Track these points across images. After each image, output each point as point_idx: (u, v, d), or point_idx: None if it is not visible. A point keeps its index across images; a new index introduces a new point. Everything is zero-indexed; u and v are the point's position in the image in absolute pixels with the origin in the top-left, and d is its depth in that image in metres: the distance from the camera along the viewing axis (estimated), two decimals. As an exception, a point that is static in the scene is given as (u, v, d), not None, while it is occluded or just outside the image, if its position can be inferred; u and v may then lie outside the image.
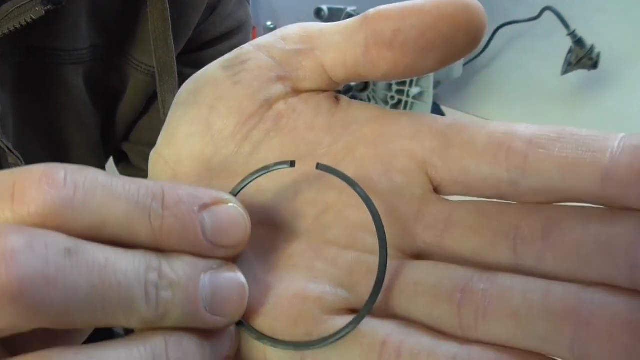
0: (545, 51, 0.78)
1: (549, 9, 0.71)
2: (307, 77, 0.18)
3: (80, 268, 0.12)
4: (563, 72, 0.73)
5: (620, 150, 0.13)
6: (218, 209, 0.15)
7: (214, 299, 0.14)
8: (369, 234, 0.16)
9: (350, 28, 0.17)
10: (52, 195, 0.13)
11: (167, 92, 0.38)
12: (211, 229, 0.14)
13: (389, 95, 0.69)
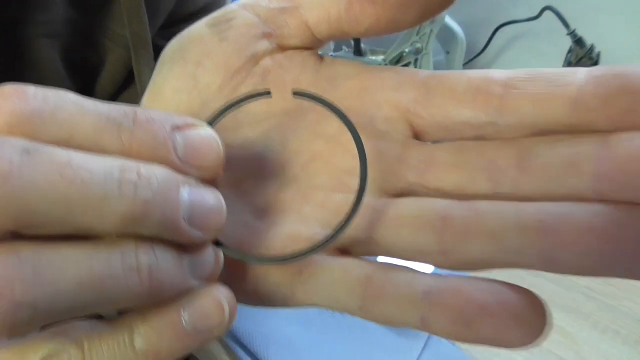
0: (545, 51, 0.78)
1: (549, 9, 0.71)
2: (292, 34, 0.18)
3: (37, 165, 0.12)
4: (563, 72, 0.73)
5: (586, 81, 0.14)
6: (191, 131, 0.14)
7: (193, 211, 0.14)
8: (355, 178, 0.16)
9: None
10: (20, 107, 0.13)
11: (143, 66, 0.39)
12: (183, 147, 0.14)
13: (389, 95, 0.69)
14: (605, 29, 0.71)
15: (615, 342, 0.47)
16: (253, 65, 0.18)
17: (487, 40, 0.80)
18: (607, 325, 0.49)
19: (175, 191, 0.13)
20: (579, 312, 0.51)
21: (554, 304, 0.51)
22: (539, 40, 0.78)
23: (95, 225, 0.12)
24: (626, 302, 0.52)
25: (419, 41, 0.64)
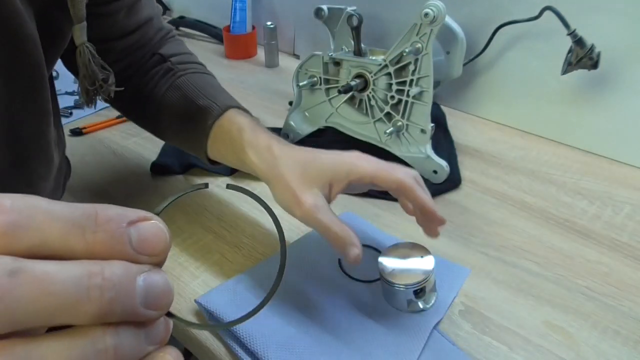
0: (545, 51, 0.78)
1: (549, 9, 0.71)
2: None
3: (23, 286, 0.15)
4: (563, 72, 0.73)
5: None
6: (143, 225, 0.18)
7: (147, 296, 0.17)
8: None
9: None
10: (1, 221, 0.15)
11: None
12: (137, 240, 0.18)
13: (389, 95, 0.69)
14: (605, 29, 0.71)
15: (615, 342, 0.47)
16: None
17: (487, 40, 0.80)
18: (607, 325, 0.49)
19: (132, 283, 0.17)
20: (579, 312, 0.51)
21: (554, 304, 0.51)
22: (539, 40, 0.78)
23: (71, 322, 0.16)
24: (626, 302, 0.52)
25: (419, 41, 0.64)
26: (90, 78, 0.45)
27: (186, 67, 0.59)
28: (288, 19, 1.13)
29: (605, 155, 0.77)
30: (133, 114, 0.63)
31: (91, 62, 0.44)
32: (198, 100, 0.54)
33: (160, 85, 0.57)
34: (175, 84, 0.56)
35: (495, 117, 0.87)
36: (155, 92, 0.57)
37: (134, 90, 0.59)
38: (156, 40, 0.60)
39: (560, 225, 0.63)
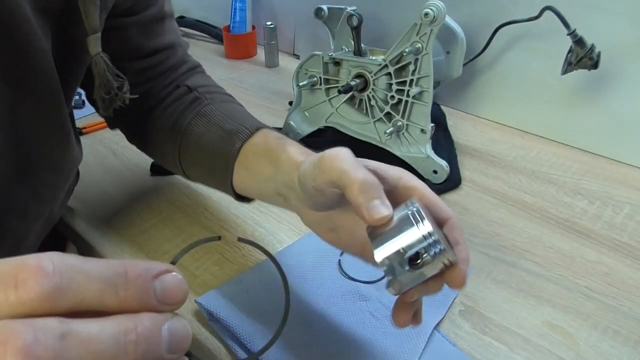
0: (545, 51, 0.78)
1: (549, 9, 0.71)
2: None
3: (72, 347, 0.18)
4: (563, 72, 0.73)
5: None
6: (165, 278, 0.21)
7: (171, 342, 0.20)
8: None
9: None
10: (45, 284, 0.18)
11: (89, 2, 0.41)
12: (161, 292, 0.21)
13: (389, 95, 0.69)
14: (605, 29, 0.71)
15: (615, 342, 0.47)
16: (343, 196, 0.33)
17: (487, 40, 0.80)
18: (607, 325, 0.49)
19: (159, 333, 0.20)
20: (579, 312, 0.51)
21: (554, 304, 0.51)
22: (539, 40, 0.78)
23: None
24: (626, 302, 0.52)
25: (419, 41, 0.64)
26: (106, 87, 0.45)
27: (213, 97, 0.55)
28: (288, 19, 1.13)
29: (605, 155, 0.77)
30: (153, 148, 0.58)
31: (106, 71, 0.44)
32: (225, 125, 0.50)
33: (185, 115, 0.53)
34: (201, 111, 0.52)
35: (495, 117, 0.87)
36: (179, 123, 0.52)
37: (157, 124, 0.55)
38: (181, 72, 0.58)
39: (560, 225, 0.63)
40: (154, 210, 0.63)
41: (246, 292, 0.51)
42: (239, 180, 0.48)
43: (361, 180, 0.32)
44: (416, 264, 0.31)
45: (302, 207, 0.41)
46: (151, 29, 0.53)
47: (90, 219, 0.63)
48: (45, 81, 0.41)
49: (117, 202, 0.66)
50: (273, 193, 0.43)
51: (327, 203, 0.36)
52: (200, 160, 0.51)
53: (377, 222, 0.31)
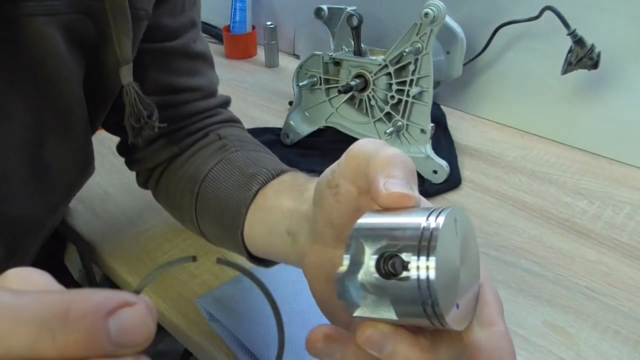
0: (545, 51, 0.78)
1: (549, 9, 0.71)
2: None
3: None
4: (563, 72, 0.73)
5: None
6: (124, 313, 0.16)
7: None
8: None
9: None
10: None
11: (122, 33, 0.40)
12: (116, 333, 0.16)
13: (389, 95, 0.69)
14: (605, 29, 0.71)
15: (615, 342, 0.47)
16: (360, 213, 0.24)
17: (487, 40, 0.80)
18: (607, 325, 0.49)
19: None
20: (579, 312, 0.50)
21: (554, 304, 0.51)
22: (539, 40, 0.78)
23: None
24: (626, 302, 0.52)
25: (419, 41, 0.64)
26: (136, 115, 0.45)
27: (243, 145, 0.50)
28: (288, 19, 1.13)
29: (605, 155, 0.77)
30: (171, 200, 0.51)
31: (137, 100, 0.44)
32: (247, 169, 0.45)
33: (208, 162, 0.47)
34: (226, 158, 0.47)
35: (495, 117, 0.87)
36: (200, 170, 0.47)
37: (179, 173, 0.50)
38: (214, 122, 0.53)
39: (560, 225, 0.63)
40: (154, 210, 0.63)
41: (246, 292, 0.51)
42: (249, 227, 0.42)
43: (393, 153, 0.26)
44: (387, 274, 0.20)
45: (307, 243, 0.34)
46: (173, 64, 0.50)
47: (90, 219, 0.63)
48: (73, 111, 0.42)
49: (117, 202, 0.66)
50: (282, 234, 0.37)
51: (337, 213, 0.29)
52: (214, 210, 0.45)
53: (392, 199, 0.23)
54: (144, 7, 0.43)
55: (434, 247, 0.19)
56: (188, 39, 0.50)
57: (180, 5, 0.49)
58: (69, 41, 0.39)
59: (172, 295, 0.52)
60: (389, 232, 0.20)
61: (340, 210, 0.28)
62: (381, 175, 0.24)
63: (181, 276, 0.55)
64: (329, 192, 0.29)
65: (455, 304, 0.20)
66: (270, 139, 0.80)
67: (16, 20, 0.35)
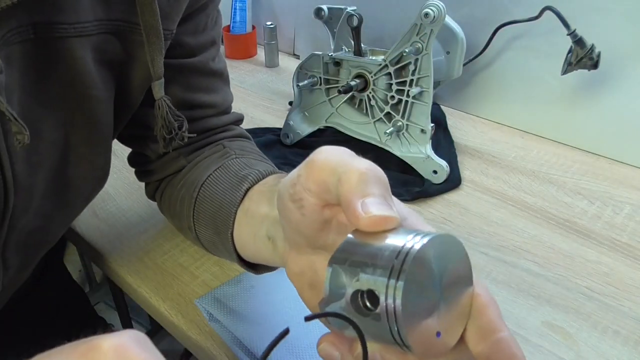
0: (545, 51, 0.78)
1: (549, 9, 0.71)
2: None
3: None
4: (563, 72, 0.73)
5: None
6: None
7: None
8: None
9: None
10: None
11: (155, 51, 0.42)
12: None
13: (389, 95, 0.69)
14: (605, 29, 0.71)
15: (615, 342, 0.47)
16: (327, 224, 0.27)
17: (487, 40, 0.80)
18: (607, 325, 0.49)
19: None
20: (579, 312, 0.51)
21: (554, 304, 0.51)
22: (539, 40, 0.78)
23: None
24: (626, 302, 0.52)
25: (419, 41, 0.64)
26: (168, 127, 0.47)
27: (244, 153, 0.50)
28: (288, 19, 1.13)
29: (605, 155, 0.77)
30: (173, 209, 0.52)
31: (169, 114, 0.46)
32: (240, 171, 0.45)
33: (209, 168, 0.48)
34: (225, 164, 0.48)
35: (495, 117, 0.87)
36: (201, 176, 0.48)
37: (182, 181, 0.50)
38: (224, 137, 0.53)
39: (560, 225, 0.63)
40: (154, 210, 0.63)
41: (246, 292, 0.51)
42: (238, 229, 0.42)
43: (365, 167, 0.24)
44: (363, 307, 0.21)
45: (285, 249, 0.33)
46: (189, 80, 0.50)
47: (90, 220, 0.63)
48: (98, 129, 0.43)
49: (117, 203, 0.66)
50: (264, 238, 0.37)
51: (304, 225, 0.28)
52: (209, 212, 0.45)
53: (371, 222, 0.23)
54: (169, 28, 0.44)
55: (400, 288, 0.20)
56: (207, 57, 0.51)
57: (202, 25, 0.50)
58: (98, 61, 0.40)
59: (172, 295, 0.52)
60: (364, 262, 0.21)
61: (307, 224, 0.28)
62: (356, 196, 0.23)
63: (181, 276, 0.55)
64: (292, 207, 0.28)
65: (433, 333, 0.21)
66: (270, 139, 0.80)
67: (49, 42, 0.36)
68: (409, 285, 0.20)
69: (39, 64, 0.36)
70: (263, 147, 0.76)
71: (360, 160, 0.25)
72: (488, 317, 0.23)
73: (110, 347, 0.16)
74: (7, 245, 0.41)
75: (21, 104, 0.36)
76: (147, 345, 0.17)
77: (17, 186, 0.37)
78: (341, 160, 0.25)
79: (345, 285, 0.21)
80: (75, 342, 0.16)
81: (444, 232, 0.22)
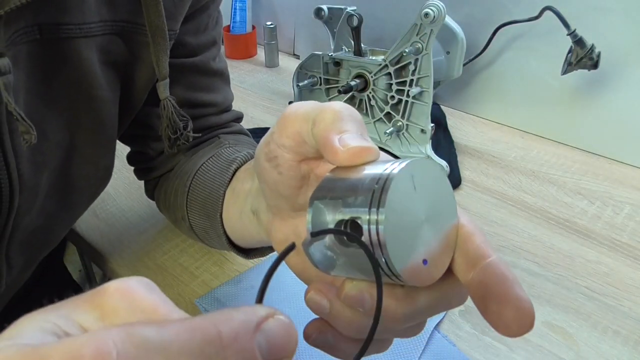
0: (545, 51, 0.78)
1: (549, 9, 0.71)
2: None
3: None
4: (563, 72, 0.73)
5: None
6: (268, 327, 0.16)
7: None
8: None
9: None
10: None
11: (160, 52, 0.42)
12: (267, 349, 0.15)
13: (389, 95, 0.69)
14: (605, 29, 0.71)
15: (615, 342, 0.47)
16: (305, 180, 0.27)
17: (487, 40, 0.80)
18: (607, 325, 0.49)
19: None
20: (579, 312, 0.51)
21: (554, 304, 0.51)
22: (539, 40, 0.78)
23: None
24: (626, 302, 0.52)
25: (419, 41, 0.64)
26: (173, 127, 0.47)
27: (237, 143, 0.51)
28: (288, 19, 1.13)
29: (605, 155, 0.77)
30: (168, 200, 0.52)
31: (174, 114, 0.46)
32: (230, 156, 0.46)
33: (202, 158, 0.49)
34: (217, 152, 0.48)
35: (495, 117, 0.87)
36: (195, 165, 0.48)
37: (177, 173, 0.51)
38: (222, 132, 0.54)
39: (560, 225, 0.63)
40: (154, 211, 0.63)
41: (246, 292, 0.51)
42: (226, 210, 0.43)
43: (339, 106, 0.25)
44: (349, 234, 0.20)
45: (268, 219, 0.33)
46: (189, 79, 0.51)
47: (90, 220, 0.63)
48: (103, 130, 0.43)
49: (117, 203, 0.66)
50: (249, 213, 0.38)
51: (283, 185, 0.28)
52: (201, 197, 0.46)
53: (350, 155, 0.22)
54: (173, 28, 0.45)
55: (382, 213, 0.19)
56: (208, 57, 0.52)
57: (204, 25, 0.50)
58: (103, 62, 0.41)
59: (172, 295, 0.52)
60: (344, 194, 0.20)
61: (285, 182, 0.28)
62: (333, 132, 0.23)
63: (181, 276, 0.55)
64: (268, 166, 0.28)
65: (420, 260, 0.20)
66: (270, 139, 0.80)
67: (55, 43, 0.36)
68: (391, 210, 0.19)
69: (44, 64, 0.37)
70: (263, 147, 0.77)
71: (333, 102, 0.25)
72: (475, 245, 0.23)
73: (116, 289, 0.16)
74: (11, 244, 0.41)
75: (27, 105, 0.36)
76: (154, 288, 0.17)
77: (23, 186, 0.37)
78: (313, 106, 0.26)
79: (328, 220, 0.21)
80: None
81: (423, 157, 0.21)
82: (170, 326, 0.14)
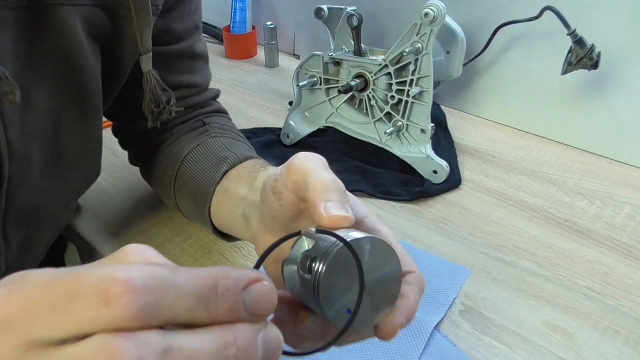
0: (545, 51, 0.78)
1: (549, 9, 0.71)
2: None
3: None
4: (563, 72, 0.73)
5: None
6: (254, 288, 0.20)
7: (266, 351, 0.20)
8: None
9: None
10: (137, 301, 0.17)
11: (143, 25, 0.44)
12: (250, 304, 0.20)
13: (389, 95, 0.69)
14: (605, 29, 0.71)
15: (615, 342, 0.47)
16: (301, 213, 0.32)
17: (487, 40, 0.80)
18: (607, 325, 0.49)
19: (255, 344, 0.19)
20: (579, 312, 0.51)
21: (554, 304, 0.51)
22: (539, 40, 0.78)
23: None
24: (626, 302, 0.52)
25: (419, 41, 0.64)
26: (156, 101, 0.49)
27: (224, 132, 0.55)
28: (288, 19, 1.13)
29: (605, 155, 0.77)
30: (155, 177, 0.57)
31: (156, 87, 0.48)
32: (220, 153, 0.50)
33: (191, 144, 0.53)
34: (205, 141, 0.53)
35: (495, 117, 0.87)
36: (182, 151, 0.53)
37: (164, 153, 0.56)
38: (204, 112, 0.58)
39: (560, 225, 0.63)
40: (154, 210, 0.63)
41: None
42: (215, 206, 0.47)
43: (329, 179, 0.30)
44: (307, 269, 0.27)
45: (258, 229, 0.37)
46: (176, 64, 0.54)
47: (90, 219, 0.63)
48: (90, 98, 0.44)
49: (117, 202, 0.66)
50: (239, 216, 0.42)
51: (281, 213, 0.33)
52: (190, 187, 0.50)
53: (333, 220, 0.28)
54: (156, 4, 0.46)
55: (328, 260, 0.25)
56: (191, 41, 0.55)
57: (187, 11, 0.53)
58: (86, 32, 0.41)
59: (172, 295, 0.52)
60: (316, 242, 0.27)
61: (284, 212, 0.33)
62: (320, 200, 0.29)
63: (181, 276, 0.55)
64: (273, 197, 0.33)
65: (345, 309, 0.26)
66: (270, 139, 0.80)
67: (42, 8, 0.37)
68: (333, 263, 0.26)
69: (32, 31, 0.37)
70: (263, 147, 0.77)
71: (326, 172, 0.31)
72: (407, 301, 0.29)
73: (134, 247, 0.20)
74: (7, 220, 0.41)
75: (15, 71, 0.37)
76: (160, 255, 0.21)
77: (12, 154, 0.38)
78: (313, 169, 0.31)
79: (305, 248, 0.28)
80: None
81: (378, 237, 0.28)
82: (182, 271, 0.19)
